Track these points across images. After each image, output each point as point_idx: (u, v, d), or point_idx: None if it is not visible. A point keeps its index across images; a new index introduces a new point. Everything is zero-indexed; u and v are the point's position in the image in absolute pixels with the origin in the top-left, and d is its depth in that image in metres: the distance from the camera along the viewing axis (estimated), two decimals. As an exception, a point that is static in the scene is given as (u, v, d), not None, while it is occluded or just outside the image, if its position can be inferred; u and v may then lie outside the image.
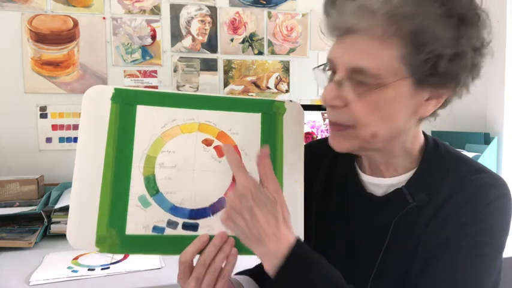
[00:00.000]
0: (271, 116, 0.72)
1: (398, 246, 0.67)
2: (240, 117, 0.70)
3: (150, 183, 0.66)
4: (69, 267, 1.09)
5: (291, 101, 0.74)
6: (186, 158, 0.67)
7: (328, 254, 0.73)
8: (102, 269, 1.08)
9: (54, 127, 1.64)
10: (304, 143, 0.75)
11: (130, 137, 0.66)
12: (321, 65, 0.68)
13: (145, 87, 1.73)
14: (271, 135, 0.71)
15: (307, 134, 1.66)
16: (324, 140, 0.91)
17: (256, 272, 0.82)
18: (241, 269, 0.81)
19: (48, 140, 1.64)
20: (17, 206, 1.38)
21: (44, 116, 1.63)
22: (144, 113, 0.67)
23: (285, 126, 0.72)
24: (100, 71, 1.69)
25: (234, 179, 0.68)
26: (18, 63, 1.60)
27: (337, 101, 0.61)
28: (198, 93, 0.71)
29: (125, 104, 0.67)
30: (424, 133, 0.72)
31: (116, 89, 0.67)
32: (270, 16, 1.86)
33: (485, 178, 0.66)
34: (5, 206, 1.37)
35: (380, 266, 0.67)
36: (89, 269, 1.08)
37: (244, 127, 0.70)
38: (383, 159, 0.69)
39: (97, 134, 0.65)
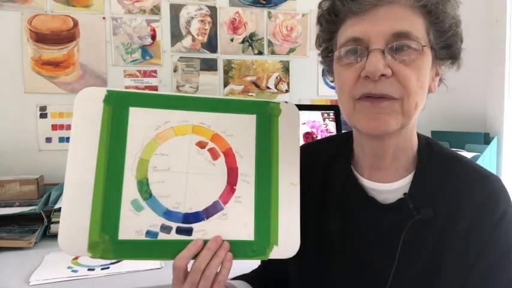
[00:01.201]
0: (266, 118, 0.70)
1: (408, 263, 0.65)
2: (235, 119, 0.69)
3: (143, 187, 0.64)
4: (69, 267, 1.09)
5: (286, 102, 0.72)
6: (180, 161, 0.66)
7: (328, 258, 0.71)
8: (102, 269, 1.08)
9: (54, 127, 1.64)
10: (302, 144, 0.73)
11: (122, 139, 0.65)
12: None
13: (145, 87, 1.73)
14: (266, 137, 0.70)
15: (307, 134, 1.66)
16: (319, 142, 0.88)
17: (253, 277, 0.81)
18: (237, 274, 0.80)
19: (48, 140, 1.64)
20: (17, 206, 1.38)
21: (43, 116, 1.63)
22: (136, 115, 0.66)
23: (281, 128, 0.71)
24: (100, 71, 1.69)
25: (228, 182, 0.67)
26: (18, 63, 1.60)
27: (387, 69, 0.60)
28: (191, 94, 0.69)
29: (118, 106, 0.65)
30: (416, 133, 0.71)
31: (108, 91, 0.66)
32: (270, 16, 1.86)
33: (488, 185, 0.66)
34: (5, 206, 1.37)
35: (393, 282, 0.65)
36: (88, 269, 1.08)
37: (239, 129, 0.69)
38: (392, 152, 0.68)
39: (89, 137, 0.64)
